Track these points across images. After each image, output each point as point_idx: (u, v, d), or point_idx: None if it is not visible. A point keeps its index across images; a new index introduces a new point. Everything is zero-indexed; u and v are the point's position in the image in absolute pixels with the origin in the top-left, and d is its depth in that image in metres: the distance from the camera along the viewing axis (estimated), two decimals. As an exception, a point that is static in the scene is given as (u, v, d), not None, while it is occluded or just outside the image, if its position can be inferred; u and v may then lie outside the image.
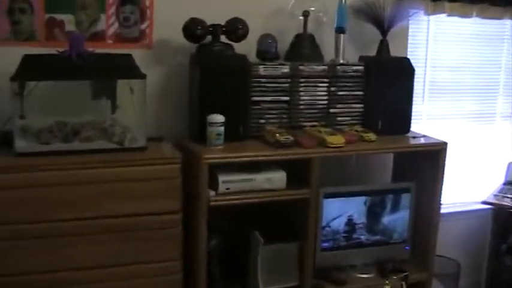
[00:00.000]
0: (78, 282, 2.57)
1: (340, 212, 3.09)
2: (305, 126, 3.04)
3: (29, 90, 2.58)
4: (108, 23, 2.97)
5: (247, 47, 3.00)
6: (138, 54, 2.97)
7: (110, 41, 2.99)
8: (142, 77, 2.66)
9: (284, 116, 3.03)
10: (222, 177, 2.73)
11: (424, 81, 3.74)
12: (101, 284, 2.60)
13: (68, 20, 2.90)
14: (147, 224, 2.62)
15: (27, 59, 2.57)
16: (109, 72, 2.66)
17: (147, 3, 3.00)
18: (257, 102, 2.97)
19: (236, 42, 2.96)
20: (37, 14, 2.85)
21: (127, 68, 2.69)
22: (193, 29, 2.88)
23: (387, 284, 2.90)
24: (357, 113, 3.16)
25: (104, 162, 2.55)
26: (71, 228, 2.53)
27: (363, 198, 3.13)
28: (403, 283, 2.92)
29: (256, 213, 3.00)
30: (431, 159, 3.13)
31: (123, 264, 2.62)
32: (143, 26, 3.02)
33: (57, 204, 2.50)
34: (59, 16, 2.88)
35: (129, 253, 2.62)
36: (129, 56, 2.73)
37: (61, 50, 2.60)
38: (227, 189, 2.73)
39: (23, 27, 2.85)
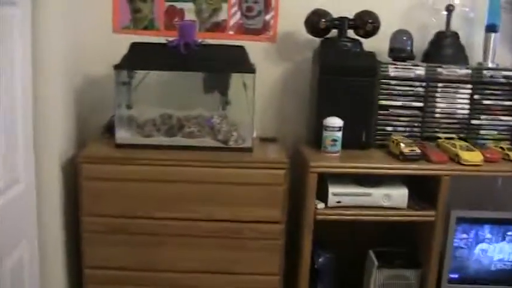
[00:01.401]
0: (166, 284, 2.45)
1: (473, 240, 2.66)
2: (439, 138, 2.65)
3: (138, 79, 2.50)
4: (230, 13, 2.79)
5: (378, 44, 2.67)
6: (260, 47, 2.82)
7: (231, 32, 2.81)
8: (253, 71, 2.45)
9: (416, 124, 2.66)
10: (333, 189, 2.43)
11: None
12: (189, 291, 2.45)
13: (188, 9, 2.77)
14: (246, 232, 2.42)
15: (134, 47, 2.46)
16: (221, 64, 2.49)
17: (273, -8, 2.79)
18: (385, 107, 2.64)
19: (365, 38, 2.64)
20: (157, 2, 2.75)
21: (240, 61, 2.49)
22: (315, 21, 2.60)
23: None
24: (505, 127, 2.69)
25: (206, 162, 2.39)
26: (164, 228, 2.41)
27: (502, 228, 2.66)
28: None
29: (376, 230, 2.69)
30: None
31: (217, 271, 2.45)
32: (267, 17, 2.80)
33: (153, 201, 2.39)
34: (179, 4, 2.76)
35: (224, 261, 2.45)
36: (241, 48, 2.51)
37: (171, 39, 2.46)
38: (338, 202, 2.44)
39: (143, 16, 2.76)
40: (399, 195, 2.47)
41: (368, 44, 2.65)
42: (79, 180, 2.36)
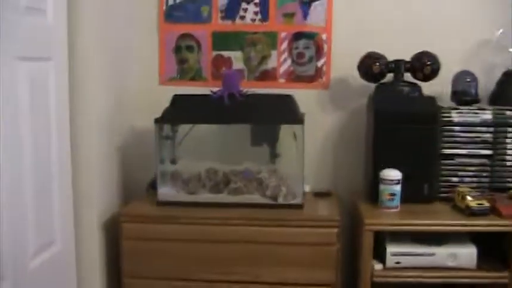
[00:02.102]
0: None
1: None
2: (511, 189, 2.39)
3: (181, 133, 2.40)
4: (279, 60, 2.66)
5: (439, 88, 2.47)
6: (312, 94, 2.69)
7: (281, 80, 2.67)
8: (302, 121, 2.30)
9: (484, 174, 2.41)
10: (391, 248, 2.21)
11: None
12: None
13: (236, 57, 2.67)
14: (297, 295, 2.23)
15: (177, 99, 2.36)
16: (268, 115, 2.34)
17: (324, 36, 2.63)
18: (449, 156, 2.41)
19: (424, 81, 2.44)
20: (204, 51, 2.66)
21: (288, 111, 2.35)
22: (369, 65, 2.43)
23: None
24: None
25: (253, 220, 2.24)
26: (210, 291, 2.26)
27: None
28: None
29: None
30: None
31: None
32: (319, 63, 2.66)
33: (197, 263, 2.26)
34: (226, 53, 2.66)
35: (273, 329, 2.26)
36: (289, 96, 2.37)
37: (214, 90, 2.35)
38: (397, 263, 2.21)
39: (189, 66, 2.68)
40: (467, 254, 2.22)
41: (427, 87, 2.45)
42: (120, 240, 2.26)
